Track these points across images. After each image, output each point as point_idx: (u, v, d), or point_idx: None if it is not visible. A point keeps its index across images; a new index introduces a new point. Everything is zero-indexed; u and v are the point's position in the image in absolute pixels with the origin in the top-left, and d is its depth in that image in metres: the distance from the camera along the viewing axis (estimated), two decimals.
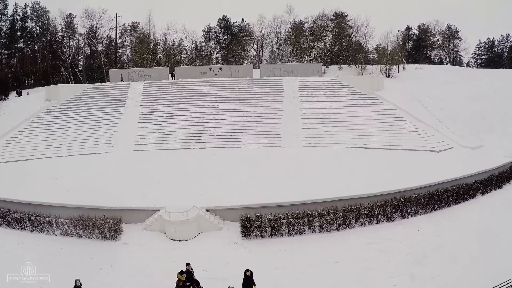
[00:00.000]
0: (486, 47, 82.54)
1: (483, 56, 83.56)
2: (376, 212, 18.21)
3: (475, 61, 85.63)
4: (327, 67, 63.04)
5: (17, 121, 37.79)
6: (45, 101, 42.41)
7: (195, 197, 18.92)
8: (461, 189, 21.57)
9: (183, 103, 39.91)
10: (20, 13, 66.33)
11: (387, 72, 52.96)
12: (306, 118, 36.02)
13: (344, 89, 41.78)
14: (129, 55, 77.35)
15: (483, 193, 22.84)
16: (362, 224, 17.99)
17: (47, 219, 18.19)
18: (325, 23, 72.69)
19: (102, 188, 20.82)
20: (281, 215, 17.24)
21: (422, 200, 19.63)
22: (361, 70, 59.06)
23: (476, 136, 34.88)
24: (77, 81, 68.36)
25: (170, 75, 48.33)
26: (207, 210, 17.39)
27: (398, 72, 54.95)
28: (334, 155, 28.10)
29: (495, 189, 23.46)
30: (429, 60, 77.77)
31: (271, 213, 17.52)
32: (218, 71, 47.55)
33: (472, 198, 22.12)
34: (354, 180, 21.48)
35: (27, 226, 18.54)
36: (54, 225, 17.98)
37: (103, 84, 45.17)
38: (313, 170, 23.86)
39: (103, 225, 17.07)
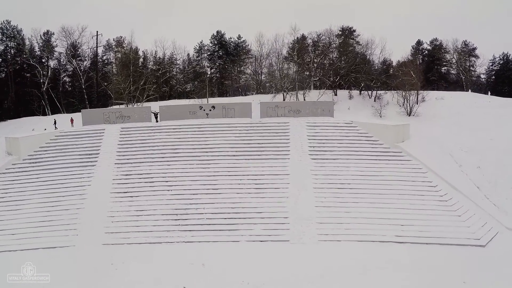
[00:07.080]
0: (501, 62, 76.15)
1: (494, 73, 77.16)
2: None
3: (487, 78, 79.82)
4: (336, 94, 56.20)
5: None
6: (6, 155, 35.36)
7: None
8: None
9: (166, 161, 32.98)
10: None
11: (408, 107, 46.18)
12: (319, 188, 29.19)
13: (362, 138, 35.02)
14: (114, 71, 70.26)
15: None
16: None
17: None
18: (330, 40, 65.72)
19: None
20: None
21: None
22: (375, 100, 52.31)
23: None
24: (55, 108, 61.27)
25: (152, 115, 41.42)
26: None
27: (417, 103, 48.28)
28: (359, 262, 21.31)
29: None
30: (444, 79, 71.19)
31: None
32: (210, 110, 40.70)
33: None
34: None
35: None
36: None
37: (72, 130, 38.43)
38: None
39: None
